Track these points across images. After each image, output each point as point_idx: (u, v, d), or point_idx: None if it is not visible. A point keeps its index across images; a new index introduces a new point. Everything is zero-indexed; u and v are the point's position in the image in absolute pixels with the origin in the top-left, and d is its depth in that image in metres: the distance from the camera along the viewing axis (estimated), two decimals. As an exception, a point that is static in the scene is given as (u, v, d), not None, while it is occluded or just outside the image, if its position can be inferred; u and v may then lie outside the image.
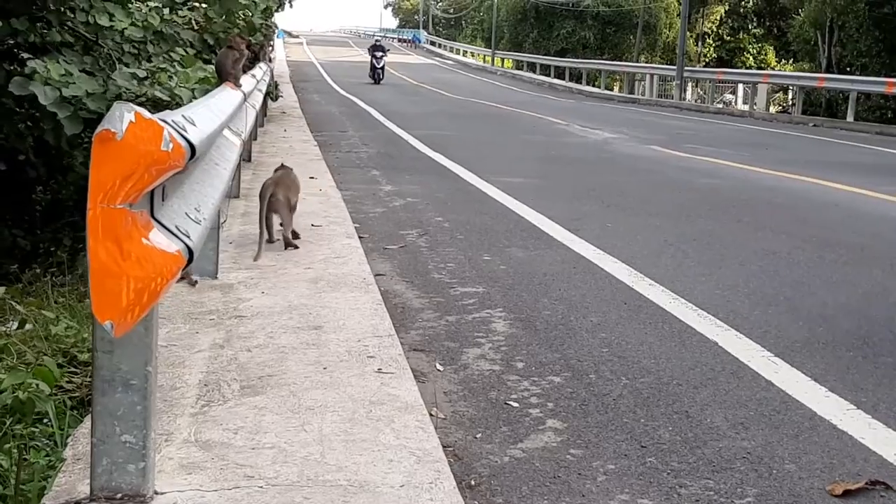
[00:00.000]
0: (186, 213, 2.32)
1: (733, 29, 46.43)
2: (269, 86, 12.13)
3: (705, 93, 31.20)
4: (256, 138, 10.09)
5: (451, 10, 79.62)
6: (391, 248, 5.65)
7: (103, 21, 6.50)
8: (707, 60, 44.99)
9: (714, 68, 35.78)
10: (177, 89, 5.86)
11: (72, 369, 3.41)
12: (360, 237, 5.65)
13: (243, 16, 8.65)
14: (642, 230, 6.46)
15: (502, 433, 2.91)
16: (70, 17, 6.77)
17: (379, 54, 29.61)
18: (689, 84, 31.76)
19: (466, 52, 55.68)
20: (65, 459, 2.40)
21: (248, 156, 8.31)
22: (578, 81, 36.08)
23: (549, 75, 38.53)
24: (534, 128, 16.21)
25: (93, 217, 1.77)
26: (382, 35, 58.29)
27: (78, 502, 2.14)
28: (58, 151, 7.08)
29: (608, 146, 13.26)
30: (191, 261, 2.11)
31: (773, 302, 4.58)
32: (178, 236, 2.11)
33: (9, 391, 2.93)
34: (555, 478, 2.60)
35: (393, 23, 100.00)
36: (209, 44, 8.18)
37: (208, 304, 3.91)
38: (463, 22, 74.01)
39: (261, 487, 2.26)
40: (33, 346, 3.61)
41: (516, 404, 3.15)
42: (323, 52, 50.00)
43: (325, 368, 3.15)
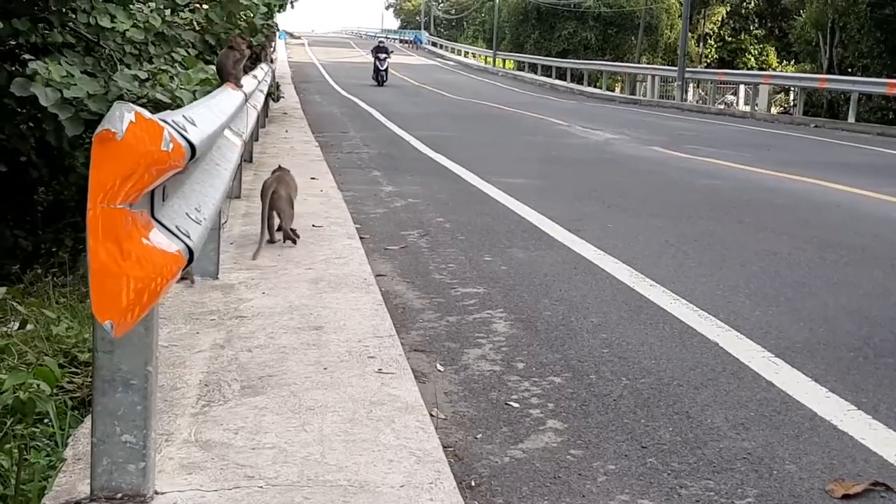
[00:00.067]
0: (187, 214, 2.32)
1: (735, 30, 46.43)
2: (270, 86, 12.13)
3: (707, 94, 31.23)
4: (258, 139, 10.09)
5: (453, 11, 79.66)
6: (392, 249, 5.65)
7: (105, 22, 6.50)
8: (708, 61, 44.99)
9: (715, 69, 35.78)
10: (178, 91, 5.86)
11: (73, 369, 3.41)
12: (361, 238, 5.66)
13: (244, 17, 8.65)
14: (643, 231, 6.46)
15: (503, 433, 2.91)
16: (71, 17, 6.77)
17: (382, 56, 29.21)
18: (691, 85, 31.78)
19: (468, 53, 55.71)
20: (65, 459, 2.40)
21: (249, 156, 8.32)
22: (580, 82, 36.09)
23: (550, 76, 38.56)
24: (535, 129, 16.21)
25: (93, 217, 1.77)
26: (384, 36, 58.31)
27: (78, 502, 2.14)
28: (59, 152, 7.08)
29: (609, 147, 13.26)
30: (191, 261, 2.11)
31: (774, 303, 4.58)
32: (178, 236, 2.11)
33: (10, 391, 2.93)
34: (555, 478, 2.60)
35: (394, 24, 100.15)
36: (210, 45, 8.18)
37: (209, 304, 3.92)
38: (464, 23, 74.05)
39: (261, 487, 2.26)
40: (34, 346, 3.61)
41: (517, 405, 3.15)
42: (324, 52, 50.06)
43: (325, 369, 3.15)
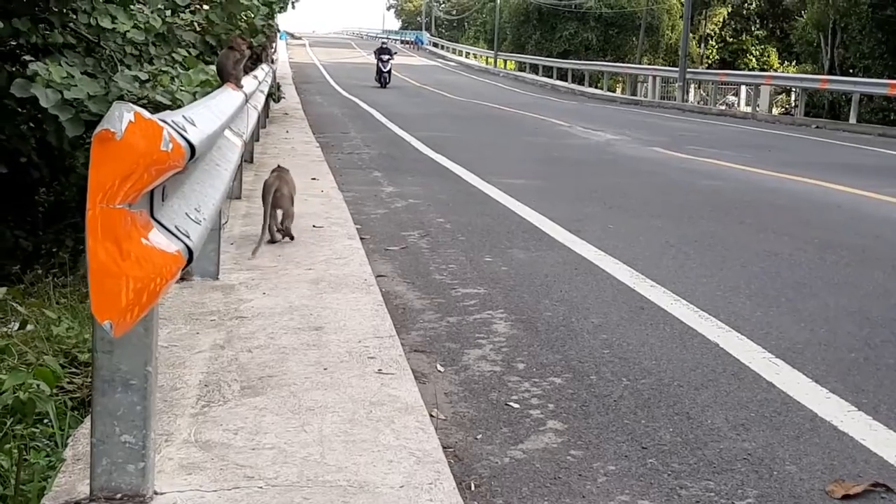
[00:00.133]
0: (186, 214, 2.32)
1: (736, 31, 46.45)
2: (271, 87, 12.14)
3: (708, 94, 31.24)
4: (259, 139, 10.10)
5: (454, 12, 79.68)
6: (392, 250, 5.65)
7: (105, 23, 6.49)
8: (710, 62, 45.01)
9: (717, 70, 35.79)
10: (178, 93, 5.86)
11: (73, 370, 3.41)
12: (362, 238, 5.65)
13: (245, 17, 8.65)
14: (644, 232, 6.45)
15: (503, 434, 2.91)
16: (72, 18, 6.77)
17: (385, 57, 28.82)
18: (692, 86, 31.82)
19: (469, 53, 55.74)
20: (65, 460, 2.40)
21: (249, 157, 8.32)
22: (581, 83, 36.09)
23: (551, 77, 38.57)
24: (536, 129, 16.21)
25: (92, 217, 1.77)
26: (386, 37, 58.30)
27: (77, 502, 2.14)
28: (60, 153, 7.08)
29: (610, 148, 13.26)
30: (190, 261, 2.11)
31: (775, 303, 4.58)
32: (177, 236, 2.11)
33: (10, 391, 2.93)
34: (555, 479, 2.60)
35: (396, 24, 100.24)
36: (211, 45, 8.18)
37: (209, 304, 3.92)
38: (465, 23, 74.09)
39: (260, 488, 2.26)
40: (34, 346, 3.61)
41: (517, 405, 3.15)
42: (325, 53, 50.09)
43: (325, 369, 3.15)
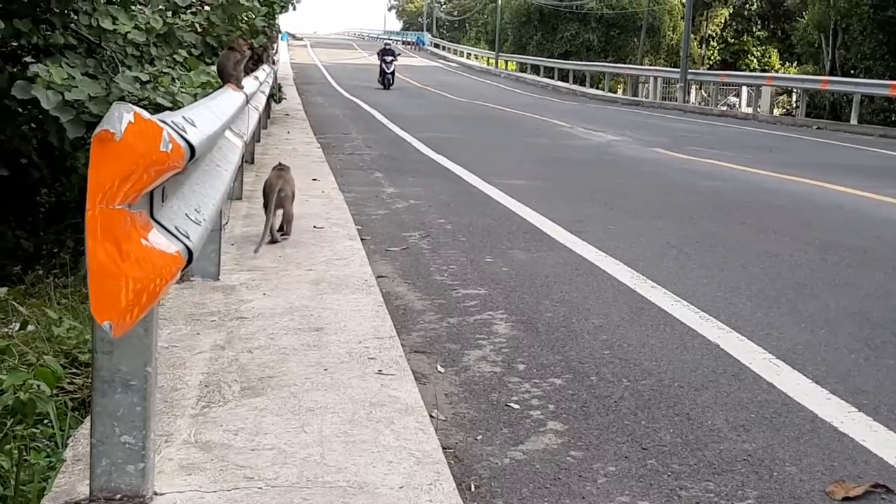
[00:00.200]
0: (186, 214, 2.32)
1: (737, 32, 46.44)
2: (272, 88, 12.15)
3: (709, 95, 31.23)
4: (260, 140, 10.10)
5: (455, 13, 79.73)
6: (393, 250, 5.65)
7: (106, 24, 6.50)
8: (711, 63, 45.01)
9: (718, 71, 35.75)
10: (179, 95, 5.85)
11: (73, 370, 3.41)
12: (363, 239, 5.65)
13: (246, 18, 8.65)
14: (645, 232, 6.45)
15: (503, 435, 2.91)
16: (73, 19, 6.77)
17: (389, 58, 28.41)
18: (693, 87, 31.80)
19: (470, 54, 55.77)
20: (65, 460, 2.40)
21: (250, 157, 8.32)
22: (582, 84, 36.10)
23: (552, 78, 38.57)
24: (537, 130, 16.21)
25: (91, 218, 1.77)
26: (388, 38, 58.29)
27: (77, 503, 2.14)
28: (61, 153, 7.08)
29: (611, 148, 13.26)
30: (190, 262, 2.11)
31: (776, 304, 4.58)
32: (177, 237, 2.11)
33: (10, 392, 2.93)
34: (555, 480, 2.60)
35: (397, 25, 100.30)
36: (212, 46, 8.18)
37: (210, 305, 3.92)
38: (467, 24, 74.15)
39: (260, 489, 2.25)
40: (35, 347, 3.61)
41: (517, 406, 3.15)
42: (327, 54, 50.10)
43: (325, 370, 3.15)
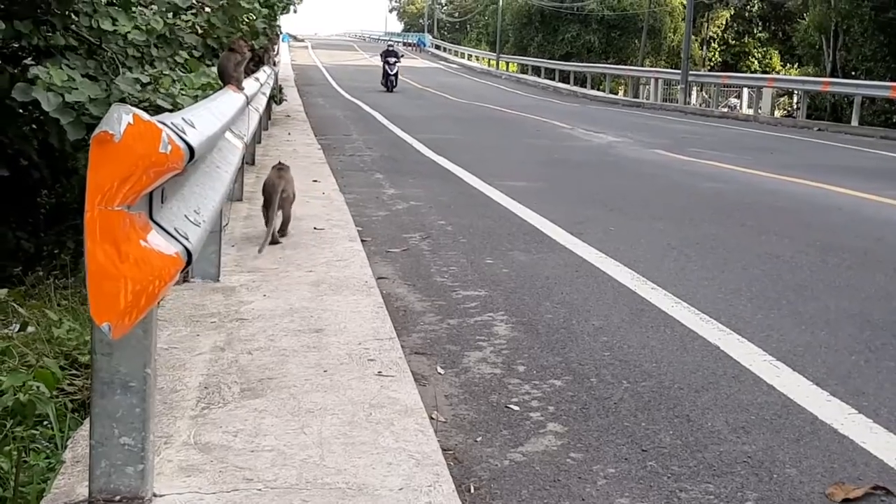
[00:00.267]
0: (186, 216, 2.32)
1: (738, 33, 46.46)
2: (273, 89, 12.15)
3: (710, 97, 31.22)
4: (260, 141, 10.11)
5: (456, 14, 79.77)
6: (394, 252, 5.65)
7: (106, 25, 6.50)
8: (712, 64, 45.02)
9: (719, 72, 35.76)
10: (179, 97, 5.85)
11: (73, 372, 3.41)
12: (363, 240, 5.65)
13: (247, 20, 8.66)
14: (645, 234, 6.45)
15: (503, 437, 2.90)
16: (74, 20, 6.78)
17: (392, 60, 27.69)
18: (694, 88, 31.80)
19: (471, 55, 55.80)
20: (64, 461, 2.40)
21: (251, 159, 8.33)
22: (583, 85, 36.11)
23: (553, 79, 38.59)
24: (538, 131, 16.21)
25: (91, 219, 1.77)
26: (388, 38, 58.26)
27: (76, 504, 2.14)
28: (62, 154, 7.08)
29: (612, 150, 13.26)
30: (189, 263, 2.11)
31: (776, 306, 4.57)
32: (176, 238, 2.11)
33: (10, 393, 2.93)
34: (555, 481, 2.60)
35: (398, 27, 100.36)
36: (213, 48, 8.19)
37: (210, 306, 3.91)
38: (468, 26, 74.17)
39: (259, 490, 2.25)
40: (35, 348, 3.61)
41: (517, 408, 3.15)
42: (328, 55, 50.11)
43: (325, 371, 3.15)
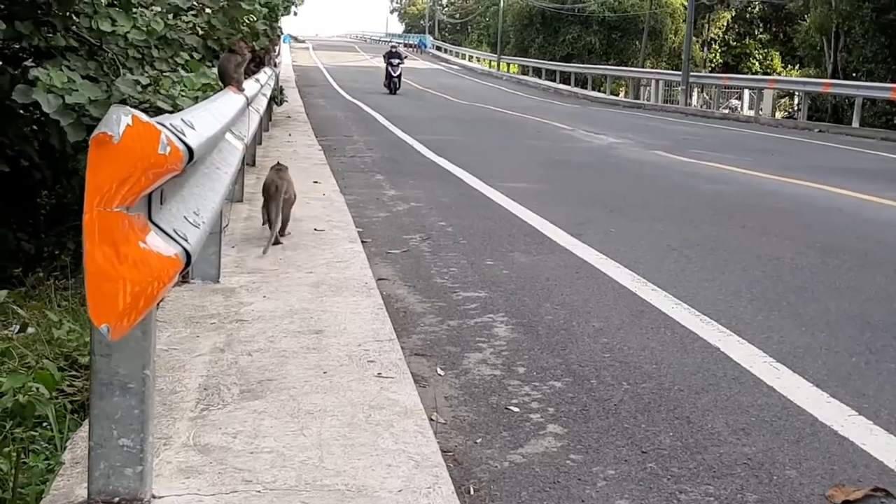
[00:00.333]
0: (185, 217, 2.32)
1: (739, 34, 46.48)
2: (274, 90, 12.15)
3: (711, 98, 31.22)
4: (261, 142, 10.11)
5: (457, 16, 79.81)
6: (394, 253, 5.65)
7: (105, 26, 6.50)
8: (713, 66, 45.03)
9: (720, 74, 35.78)
10: (179, 98, 5.85)
11: (73, 373, 3.41)
12: (363, 241, 5.65)
13: (247, 21, 8.66)
14: (646, 235, 6.45)
15: (503, 438, 2.90)
16: (75, 21, 6.78)
17: (395, 62, 26.92)
18: (695, 89, 31.79)
19: (472, 57, 55.84)
20: (63, 463, 2.40)
21: (251, 160, 8.33)
22: (584, 86, 36.11)
23: (554, 80, 38.59)
24: (538, 133, 16.21)
25: (89, 220, 1.77)
26: (390, 39, 58.24)
27: (75, 506, 2.14)
28: (63, 155, 7.08)
29: (613, 151, 13.26)
30: (188, 264, 2.11)
31: (776, 307, 4.57)
32: (175, 240, 2.11)
33: (9, 394, 2.93)
34: (555, 483, 2.59)
35: (399, 28, 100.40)
36: (213, 50, 8.18)
37: (210, 307, 3.91)
38: (469, 27, 74.21)
39: (258, 492, 2.25)
40: (35, 349, 3.61)
41: (517, 409, 3.14)
42: (329, 57, 50.13)
43: (325, 373, 3.15)
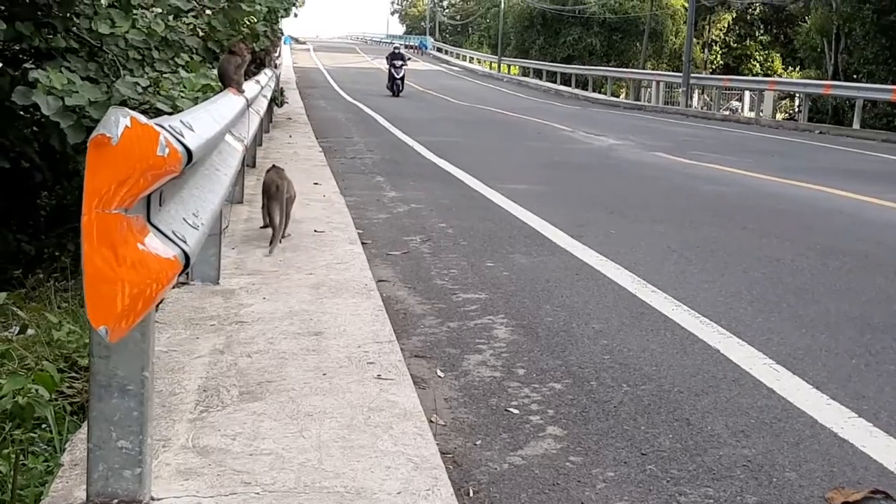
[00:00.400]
0: (184, 219, 2.32)
1: (740, 36, 46.46)
2: (274, 91, 12.15)
3: (711, 100, 31.21)
4: (261, 144, 10.11)
5: (458, 17, 79.84)
6: (394, 254, 5.64)
7: (104, 28, 6.50)
8: (713, 67, 45.02)
9: (720, 75, 35.78)
10: (179, 100, 5.84)
11: (73, 374, 3.41)
12: (363, 243, 5.65)
13: (248, 22, 8.65)
14: (646, 237, 6.45)
15: (502, 440, 2.90)
16: (75, 22, 6.78)
17: (398, 63, 26.71)
18: (696, 91, 31.78)
19: (473, 58, 55.84)
20: (62, 465, 2.40)
21: (252, 161, 8.32)
22: (584, 88, 36.12)
23: (555, 82, 38.60)
24: (539, 134, 16.21)
25: (88, 222, 1.77)
26: (391, 41, 58.23)
27: (74, 508, 2.13)
28: (63, 156, 7.08)
29: (613, 153, 13.26)
30: (187, 266, 2.11)
31: (776, 309, 4.57)
32: (174, 241, 2.10)
33: (9, 396, 2.93)
34: (554, 485, 2.59)
35: (400, 29, 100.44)
36: (213, 51, 8.18)
37: (209, 309, 3.91)
38: (469, 28, 74.28)
39: (257, 494, 2.25)
40: (35, 351, 3.61)
41: (517, 411, 3.14)
42: (330, 58, 50.16)
43: (324, 374, 3.15)
